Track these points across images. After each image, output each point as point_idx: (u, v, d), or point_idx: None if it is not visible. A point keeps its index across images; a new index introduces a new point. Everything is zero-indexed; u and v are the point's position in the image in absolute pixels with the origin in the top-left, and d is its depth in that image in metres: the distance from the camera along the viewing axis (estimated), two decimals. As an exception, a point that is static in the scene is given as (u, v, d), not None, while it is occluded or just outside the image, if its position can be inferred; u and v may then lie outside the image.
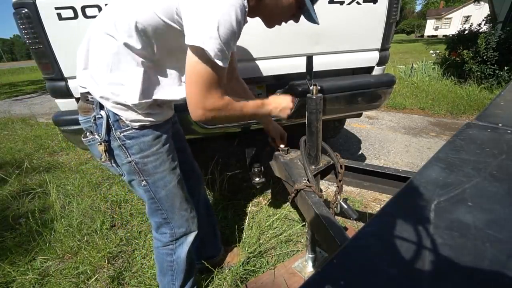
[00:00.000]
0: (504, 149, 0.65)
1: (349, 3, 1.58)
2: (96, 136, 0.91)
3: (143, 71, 0.86)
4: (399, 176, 1.10)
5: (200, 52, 0.75)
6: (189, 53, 0.78)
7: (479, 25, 6.59)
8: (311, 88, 1.11)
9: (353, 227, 1.75)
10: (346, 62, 1.76)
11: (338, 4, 1.56)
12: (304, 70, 1.69)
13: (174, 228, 1.11)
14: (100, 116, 0.89)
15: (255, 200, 2.13)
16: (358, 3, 1.59)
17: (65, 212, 2.10)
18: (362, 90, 1.74)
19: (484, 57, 5.21)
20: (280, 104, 1.09)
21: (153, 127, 0.96)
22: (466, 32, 6.44)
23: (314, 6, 0.98)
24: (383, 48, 1.78)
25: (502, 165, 0.58)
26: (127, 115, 0.90)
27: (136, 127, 0.92)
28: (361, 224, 1.77)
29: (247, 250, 1.58)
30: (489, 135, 0.73)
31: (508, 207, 0.46)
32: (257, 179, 1.50)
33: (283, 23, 1.02)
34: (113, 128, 0.91)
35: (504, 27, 5.70)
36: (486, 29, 6.30)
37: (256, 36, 1.49)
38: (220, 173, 2.18)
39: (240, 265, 1.46)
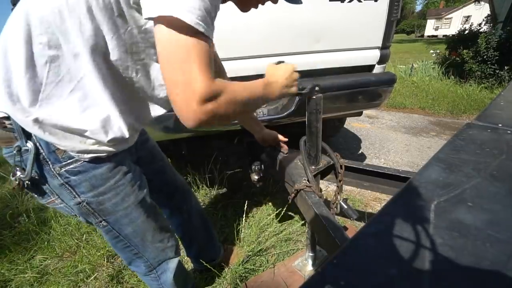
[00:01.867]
0: (504, 149, 0.65)
1: (350, 1, 1.57)
2: (20, 174, 0.68)
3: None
4: (399, 176, 1.10)
5: (175, 23, 0.51)
6: (158, 30, 0.53)
7: (480, 25, 6.59)
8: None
9: (353, 226, 1.75)
10: (347, 60, 1.76)
11: (339, 2, 1.56)
12: (304, 69, 1.70)
13: (149, 260, 0.95)
14: (26, 149, 0.66)
15: (254, 198, 2.13)
16: (359, 0, 1.58)
17: (65, 210, 2.09)
18: (362, 88, 1.74)
19: (485, 56, 5.21)
20: (281, 76, 0.86)
21: (110, 156, 0.74)
22: (467, 32, 6.44)
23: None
24: (384, 47, 1.78)
25: (502, 165, 0.58)
26: (72, 145, 0.67)
27: (87, 159, 0.70)
28: (361, 224, 1.77)
29: (247, 249, 1.58)
30: (489, 135, 0.73)
31: (508, 207, 0.46)
32: (257, 177, 1.50)
33: (260, 6, 0.85)
34: (49, 163, 0.68)
35: (504, 27, 5.70)
36: (487, 29, 6.30)
37: (254, 34, 1.49)
38: (220, 172, 2.18)
39: (239, 264, 1.46)
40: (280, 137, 1.39)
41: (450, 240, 0.39)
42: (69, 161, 0.69)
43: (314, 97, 1.09)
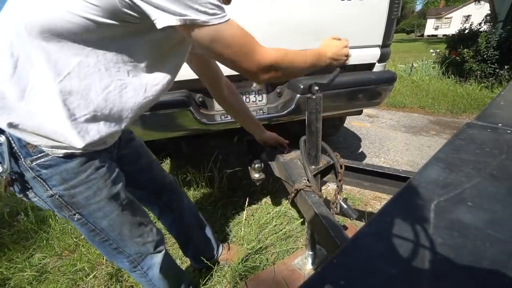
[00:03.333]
0: (504, 149, 0.65)
1: None
2: (1, 169, 0.69)
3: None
4: (399, 176, 1.10)
5: (201, 27, 0.63)
6: (195, 34, 0.64)
7: (480, 24, 6.59)
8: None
9: (353, 225, 1.75)
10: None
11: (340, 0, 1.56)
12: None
13: (131, 255, 0.94)
14: (0, 142, 0.67)
15: (254, 197, 2.13)
16: None
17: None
18: (363, 86, 1.74)
19: (485, 56, 5.21)
20: (333, 50, 1.00)
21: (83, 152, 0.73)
22: (467, 31, 6.44)
23: None
24: (385, 45, 1.77)
25: (502, 165, 0.58)
26: (44, 142, 0.67)
27: (61, 155, 0.70)
28: (361, 223, 1.77)
29: (247, 247, 1.58)
30: (489, 135, 0.73)
31: (508, 207, 0.46)
32: (257, 175, 1.50)
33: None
34: (21, 157, 0.69)
35: (504, 26, 5.70)
36: (487, 28, 6.30)
37: (254, 31, 1.48)
38: (220, 171, 2.17)
39: (239, 262, 1.46)
40: (281, 139, 1.39)
41: (450, 239, 0.39)
42: (39, 155, 0.69)
43: (314, 96, 1.09)
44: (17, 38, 0.61)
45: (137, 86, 0.75)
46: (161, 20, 0.60)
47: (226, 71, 1.19)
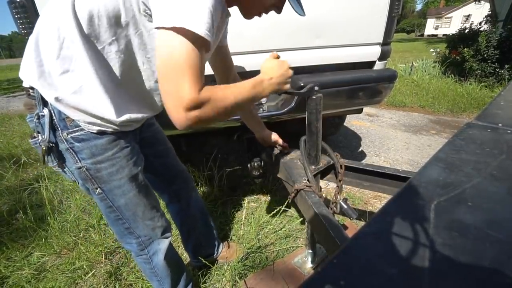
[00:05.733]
0: (504, 149, 0.64)
1: None
2: (40, 137, 0.78)
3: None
4: (399, 176, 1.10)
5: (186, 34, 0.60)
6: (164, 38, 0.61)
7: (480, 24, 6.59)
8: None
9: (353, 224, 1.75)
10: (347, 56, 1.75)
11: None
12: (304, 65, 1.69)
13: (140, 237, 1.00)
14: (43, 114, 0.76)
15: (254, 196, 2.13)
16: None
17: (62, 207, 2.09)
18: (363, 85, 1.74)
19: (485, 55, 5.22)
20: (276, 72, 0.86)
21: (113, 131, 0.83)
22: (467, 30, 6.43)
23: None
24: (385, 43, 1.77)
25: (502, 165, 0.58)
26: (83, 117, 0.77)
27: (94, 131, 0.79)
28: (361, 222, 1.77)
29: (246, 246, 1.58)
30: (489, 135, 0.73)
31: (508, 207, 0.46)
32: (257, 173, 1.50)
33: (264, 15, 0.89)
34: (58, 129, 0.78)
35: (505, 26, 5.69)
36: (487, 28, 6.30)
37: (255, 29, 1.48)
38: (219, 169, 2.17)
39: (239, 261, 1.47)
40: (280, 140, 1.39)
41: (450, 239, 0.39)
42: (75, 129, 0.78)
43: (314, 96, 1.09)
44: (63, 21, 0.68)
45: (151, 74, 0.82)
46: (159, 20, 0.63)
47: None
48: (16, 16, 1.21)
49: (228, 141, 3.09)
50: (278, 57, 0.94)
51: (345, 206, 1.14)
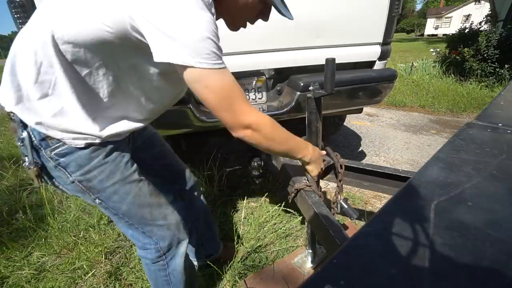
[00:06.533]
0: (504, 149, 0.64)
1: None
2: (26, 160, 0.77)
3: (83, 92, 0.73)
4: (399, 176, 1.10)
5: (201, 72, 0.66)
6: (190, 76, 0.68)
7: (480, 23, 6.59)
8: (310, 88, 1.09)
9: (353, 223, 1.75)
10: (348, 56, 1.75)
11: None
12: (305, 64, 1.69)
13: (159, 242, 0.96)
14: (23, 137, 0.75)
15: (254, 195, 2.13)
16: None
17: (62, 207, 2.09)
18: (363, 84, 1.74)
19: (485, 55, 5.22)
20: (317, 160, 1.02)
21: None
22: (467, 30, 6.44)
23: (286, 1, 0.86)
24: (385, 42, 1.77)
25: (502, 165, 0.58)
26: (66, 135, 0.75)
27: (81, 145, 0.77)
28: (361, 222, 1.77)
29: (246, 246, 1.58)
30: (489, 135, 0.73)
31: (508, 207, 0.46)
32: (257, 173, 1.50)
33: (249, 24, 0.92)
34: (41, 148, 0.76)
35: (505, 25, 5.70)
36: (487, 27, 6.30)
37: (256, 28, 1.47)
38: (219, 169, 2.17)
39: (239, 261, 1.47)
40: None
41: (450, 239, 0.39)
42: (57, 145, 0.76)
43: (313, 96, 1.09)
44: (41, 47, 0.66)
45: (141, 94, 0.81)
46: (159, 54, 0.64)
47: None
48: (16, 16, 1.21)
49: (228, 141, 3.09)
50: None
51: (346, 206, 1.14)
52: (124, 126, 0.83)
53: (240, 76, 1.65)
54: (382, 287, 0.33)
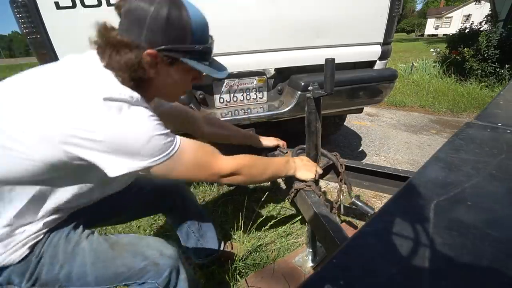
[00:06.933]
0: (504, 148, 0.65)
1: None
2: None
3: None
4: (399, 176, 1.10)
5: (159, 167, 0.69)
6: (155, 175, 0.71)
7: (480, 23, 6.58)
8: (310, 88, 1.09)
9: (353, 223, 1.76)
10: (348, 56, 1.75)
11: None
12: (305, 64, 1.70)
13: (155, 281, 0.82)
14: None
15: (254, 195, 2.13)
16: None
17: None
18: (364, 84, 1.74)
19: (485, 55, 5.21)
20: (305, 165, 1.06)
21: None
22: (467, 30, 6.43)
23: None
24: (385, 42, 1.77)
25: (501, 165, 0.58)
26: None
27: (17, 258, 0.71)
28: (361, 222, 1.77)
29: (247, 245, 1.58)
30: (488, 135, 0.73)
31: (508, 206, 0.46)
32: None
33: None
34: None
35: (505, 26, 5.69)
36: (487, 27, 6.29)
37: (257, 29, 1.48)
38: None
39: (239, 260, 1.47)
40: (281, 142, 1.40)
41: (450, 239, 0.39)
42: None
43: (312, 96, 1.09)
44: None
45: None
46: (113, 170, 0.65)
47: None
48: (18, 15, 1.21)
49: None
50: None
51: (360, 204, 1.14)
52: (65, 212, 0.81)
53: (240, 75, 1.66)
54: (382, 286, 0.33)
